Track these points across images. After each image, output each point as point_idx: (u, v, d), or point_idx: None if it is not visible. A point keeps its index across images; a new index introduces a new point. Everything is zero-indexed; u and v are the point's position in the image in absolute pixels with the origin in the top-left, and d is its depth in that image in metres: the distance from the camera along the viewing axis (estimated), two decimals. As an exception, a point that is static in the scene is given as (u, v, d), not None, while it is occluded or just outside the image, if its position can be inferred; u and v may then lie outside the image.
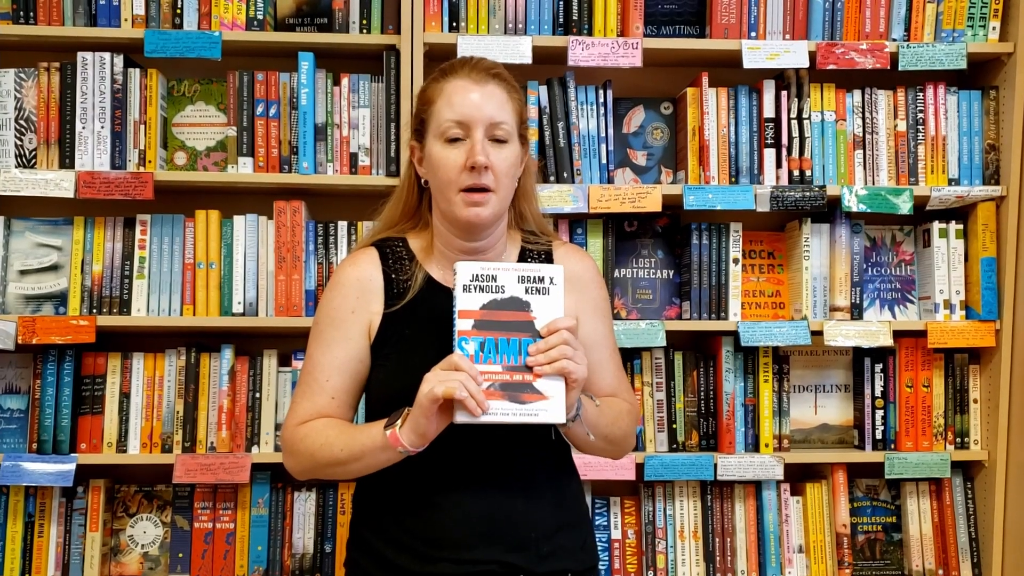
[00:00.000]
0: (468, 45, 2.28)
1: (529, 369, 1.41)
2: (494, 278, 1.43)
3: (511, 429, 1.51)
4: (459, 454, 1.51)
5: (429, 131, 1.56)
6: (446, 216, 1.56)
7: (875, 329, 2.37)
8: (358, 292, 1.56)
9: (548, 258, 1.65)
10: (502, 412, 1.39)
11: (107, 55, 2.30)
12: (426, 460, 1.52)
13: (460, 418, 1.38)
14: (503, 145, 1.53)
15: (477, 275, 1.43)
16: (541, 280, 1.44)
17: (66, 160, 2.29)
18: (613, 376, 1.64)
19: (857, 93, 2.43)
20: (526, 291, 1.43)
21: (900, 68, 2.39)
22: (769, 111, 2.40)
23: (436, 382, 1.36)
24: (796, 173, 2.40)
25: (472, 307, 1.42)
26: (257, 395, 2.32)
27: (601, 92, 2.39)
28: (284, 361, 2.36)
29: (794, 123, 2.40)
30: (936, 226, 2.44)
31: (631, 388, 1.74)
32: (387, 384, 1.54)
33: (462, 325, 1.41)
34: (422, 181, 1.60)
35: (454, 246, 1.58)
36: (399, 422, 1.42)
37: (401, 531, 1.53)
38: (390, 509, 1.55)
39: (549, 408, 1.41)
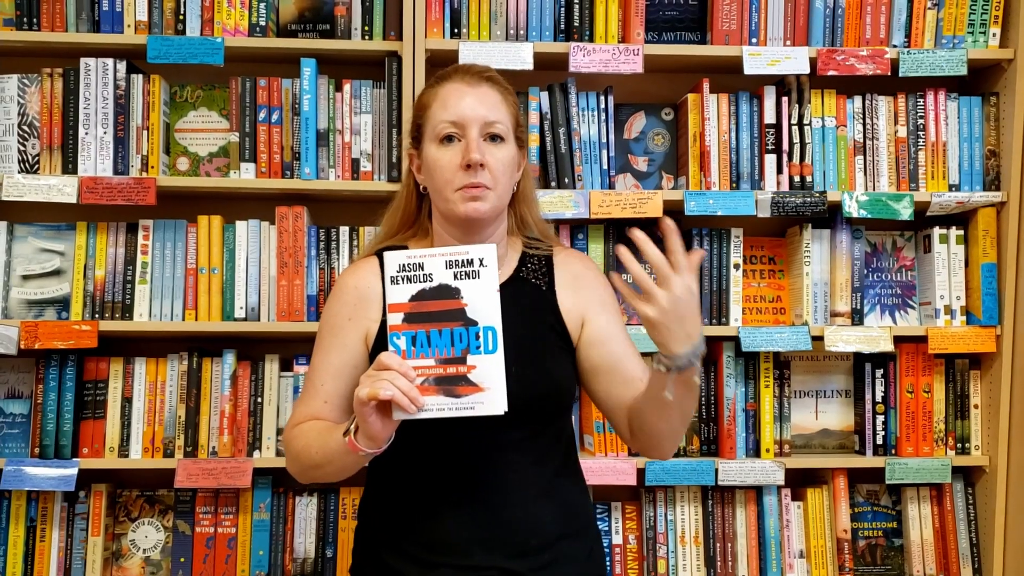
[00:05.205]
0: (469, 51, 2.28)
1: (463, 360, 1.36)
2: (421, 266, 1.38)
3: (516, 435, 1.52)
4: (462, 461, 1.52)
5: (425, 135, 1.57)
6: (446, 216, 1.56)
7: (876, 334, 2.37)
8: (356, 300, 1.58)
9: (548, 263, 1.65)
10: (437, 407, 1.35)
11: (110, 61, 2.30)
12: (428, 467, 1.53)
13: (397, 415, 1.35)
14: (499, 143, 1.54)
15: (404, 265, 1.38)
16: (470, 263, 1.37)
17: (69, 165, 2.29)
18: (640, 364, 1.63)
19: (858, 99, 2.43)
20: (455, 276, 1.37)
21: (900, 74, 2.39)
22: (770, 117, 2.41)
23: (363, 384, 1.34)
24: (797, 179, 2.40)
25: (401, 300, 1.38)
26: (259, 400, 2.33)
27: (602, 98, 2.39)
28: (286, 366, 2.36)
29: (795, 129, 2.40)
30: (937, 232, 2.44)
31: None
32: None
33: (392, 320, 1.38)
34: (421, 188, 1.61)
35: None
36: (352, 427, 1.40)
37: (402, 537, 1.53)
38: (392, 516, 1.55)
39: (486, 400, 1.35)
